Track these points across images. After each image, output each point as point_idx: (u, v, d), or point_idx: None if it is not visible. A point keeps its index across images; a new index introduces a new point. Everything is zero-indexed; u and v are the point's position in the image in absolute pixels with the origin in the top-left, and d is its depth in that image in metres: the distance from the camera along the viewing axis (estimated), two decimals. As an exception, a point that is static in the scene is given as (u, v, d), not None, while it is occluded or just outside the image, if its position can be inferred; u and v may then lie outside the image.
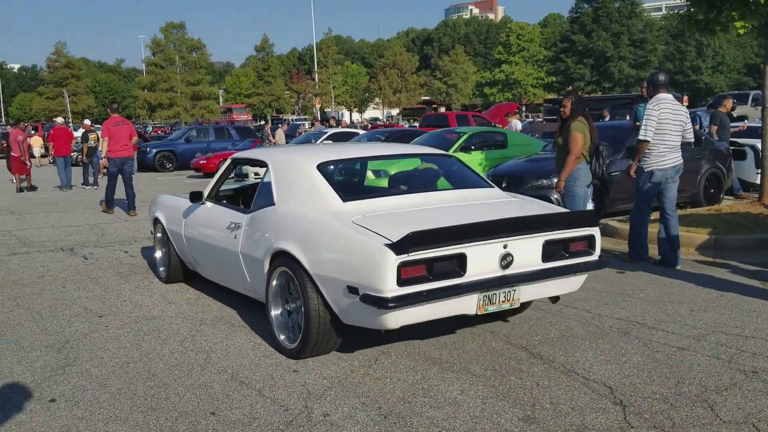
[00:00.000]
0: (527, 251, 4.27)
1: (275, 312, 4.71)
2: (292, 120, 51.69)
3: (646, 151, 6.71)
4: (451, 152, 12.32)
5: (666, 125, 6.64)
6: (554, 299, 4.88)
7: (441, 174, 5.72)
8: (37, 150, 24.96)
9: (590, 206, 7.56)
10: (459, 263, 3.99)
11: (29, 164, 17.31)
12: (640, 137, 6.70)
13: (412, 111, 67.84)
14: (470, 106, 64.98)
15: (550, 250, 4.38)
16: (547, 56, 68.51)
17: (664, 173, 6.75)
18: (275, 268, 4.59)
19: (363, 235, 4.00)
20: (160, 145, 24.72)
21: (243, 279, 5.11)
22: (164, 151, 23.69)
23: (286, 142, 20.26)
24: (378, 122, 53.28)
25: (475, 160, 12.32)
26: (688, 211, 9.68)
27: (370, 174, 6.47)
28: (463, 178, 5.46)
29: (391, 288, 3.76)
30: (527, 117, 36.57)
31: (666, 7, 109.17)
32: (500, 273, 4.17)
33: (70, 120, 46.78)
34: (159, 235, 6.78)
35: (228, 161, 5.96)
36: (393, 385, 4.01)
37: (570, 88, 59.98)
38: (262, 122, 59.62)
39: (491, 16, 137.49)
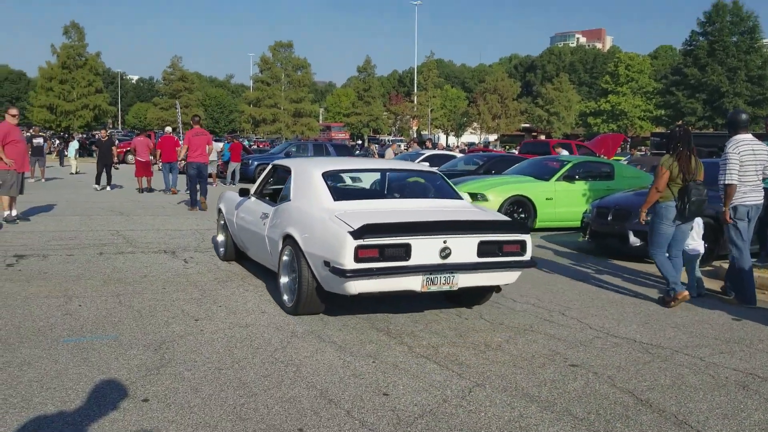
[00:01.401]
0: (463, 247, 5.53)
1: (283, 280, 6.14)
2: (389, 141, 52.16)
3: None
4: (552, 181, 11.94)
5: (747, 167, 6.71)
6: (496, 289, 6.08)
7: (423, 186, 7.22)
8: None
9: (701, 246, 7.14)
10: (405, 251, 5.34)
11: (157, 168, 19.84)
12: (726, 181, 6.70)
13: (510, 138, 67.03)
14: (572, 136, 63.43)
15: (485, 249, 5.62)
16: (657, 89, 65.98)
17: (748, 210, 6.79)
18: (284, 247, 6.09)
19: (336, 225, 5.44)
20: (261, 158, 25.49)
21: (268, 255, 6.66)
22: (265, 164, 24.36)
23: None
24: (475, 146, 52.90)
25: (579, 190, 11.87)
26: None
27: (369, 182, 8.02)
28: (439, 191, 6.84)
29: (349, 263, 5.16)
30: (637, 150, 35.13)
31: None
32: (440, 261, 5.46)
33: (180, 130, 49.15)
34: (222, 222, 8.39)
35: (270, 166, 7.69)
36: (488, 420, 3.78)
37: (680, 123, 57.52)
38: (359, 141, 60.55)
39: (599, 45, 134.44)
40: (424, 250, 5.39)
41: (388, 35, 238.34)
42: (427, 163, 17.00)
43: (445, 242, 5.44)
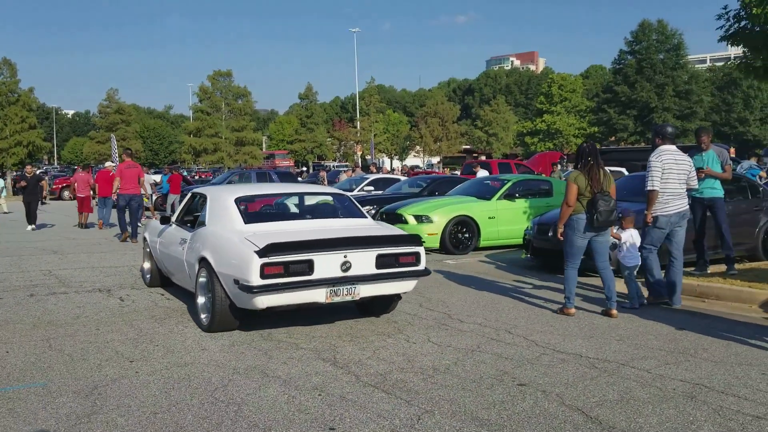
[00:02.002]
0: (362, 260, 6.04)
1: (200, 300, 6.52)
2: (333, 167, 52.11)
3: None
4: (494, 200, 12.04)
5: (670, 174, 7.05)
6: (396, 297, 6.74)
7: (332, 207, 7.85)
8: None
9: (637, 258, 7.36)
10: (308, 266, 5.83)
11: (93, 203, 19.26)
12: (648, 188, 7.07)
13: (452, 159, 67.82)
14: (511, 155, 64.69)
15: (382, 261, 6.15)
16: (590, 107, 68.09)
17: (668, 219, 7.11)
18: (200, 269, 6.48)
19: (244, 245, 5.87)
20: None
21: (187, 278, 7.01)
22: (206, 194, 23.89)
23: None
24: (418, 169, 53.31)
25: (520, 208, 12.01)
26: (747, 266, 9.16)
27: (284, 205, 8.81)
28: (346, 211, 7.37)
29: (255, 280, 5.63)
30: (568, 167, 36.02)
31: (711, 59, 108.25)
32: (341, 274, 5.96)
33: (116, 163, 47.97)
34: (147, 250, 8.72)
35: (189, 194, 8.09)
36: (437, 449, 3.67)
37: (611, 138, 59.36)
38: (303, 168, 60.31)
39: (532, 67, 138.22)
40: (326, 264, 5.91)
41: (329, 62, 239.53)
42: (372, 187, 16.99)
43: (345, 257, 5.98)
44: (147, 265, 8.75)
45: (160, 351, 5.66)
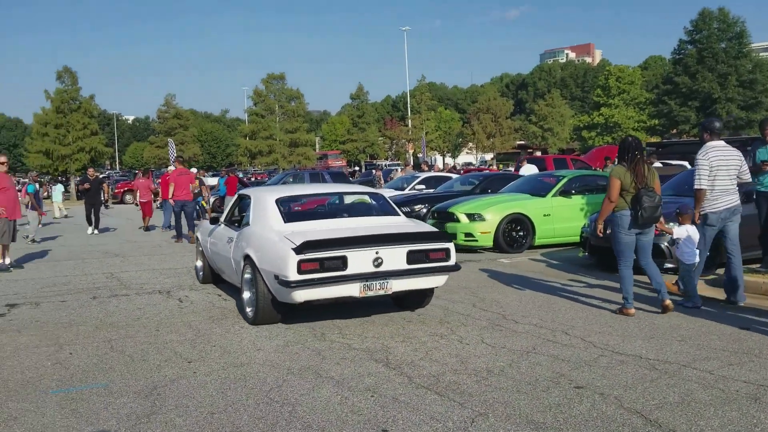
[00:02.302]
0: (394, 256, 6.34)
1: (246, 295, 6.92)
2: (385, 165, 52.21)
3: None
4: (549, 197, 11.83)
5: (718, 171, 6.90)
6: (429, 292, 7.04)
7: (366, 206, 8.24)
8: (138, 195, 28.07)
9: (695, 256, 7.15)
10: (342, 262, 6.15)
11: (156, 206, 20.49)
12: (696, 186, 6.97)
13: (506, 155, 67.13)
14: (567, 150, 63.52)
15: (413, 257, 6.43)
16: (649, 99, 66.20)
17: (718, 215, 6.96)
18: (245, 266, 6.89)
19: (283, 243, 6.24)
20: (258, 190, 25.40)
21: (234, 275, 7.43)
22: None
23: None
24: (471, 166, 52.90)
25: (576, 204, 11.77)
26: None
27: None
28: (381, 209, 7.72)
29: (293, 275, 6.00)
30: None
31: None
32: (374, 270, 6.26)
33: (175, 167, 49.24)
34: (200, 249, 9.32)
35: (236, 196, 8.59)
36: (491, 452, 3.62)
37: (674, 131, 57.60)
38: (356, 168, 60.62)
39: (588, 59, 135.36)
40: (359, 260, 6.22)
41: (380, 61, 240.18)
42: (423, 186, 16.94)
43: (377, 253, 6.29)
44: (200, 263, 9.40)
45: (217, 351, 5.77)
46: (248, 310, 6.84)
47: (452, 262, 6.70)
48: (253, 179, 44.83)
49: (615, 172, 6.70)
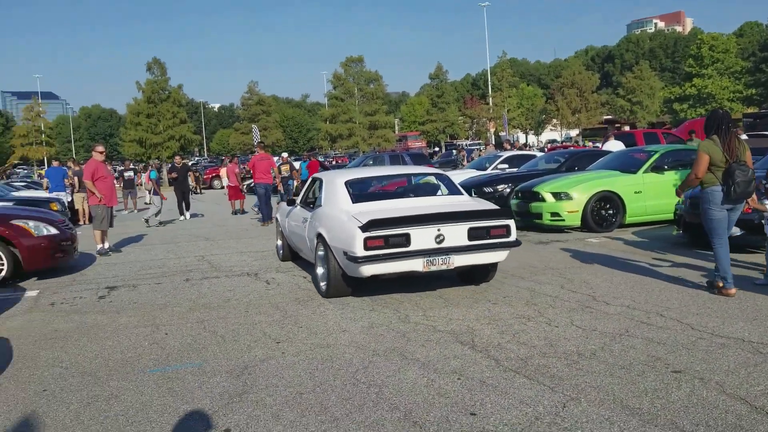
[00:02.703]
0: (455, 233, 6.63)
1: (319, 271, 7.40)
2: (465, 145, 51.62)
3: None
4: (640, 173, 11.35)
5: None
6: (492, 266, 7.31)
7: (431, 186, 8.59)
8: (225, 180, 29.03)
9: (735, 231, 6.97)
10: (406, 239, 6.50)
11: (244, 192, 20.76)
12: None
13: (592, 131, 64.97)
14: (658, 124, 60.87)
15: (474, 233, 6.69)
16: (746, 67, 62.38)
17: None
18: (318, 243, 7.36)
19: (351, 222, 6.64)
20: (339, 173, 25.66)
21: (309, 252, 7.90)
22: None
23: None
24: (555, 144, 51.55)
25: (669, 181, 11.21)
26: None
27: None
28: (444, 189, 8.12)
29: (360, 252, 6.39)
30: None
31: None
32: (436, 246, 6.58)
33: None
34: (279, 229, 9.95)
35: (310, 180, 9.19)
36: (585, 439, 3.49)
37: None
38: (436, 149, 60.26)
39: (679, 28, 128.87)
40: (422, 237, 6.56)
41: (458, 39, 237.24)
42: (507, 165, 16.61)
43: (439, 230, 6.60)
44: (279, 242, 10.10)
45: (304, 332, 5.85)
46: (322, 284, 7.31)
47: (513, 238, 6.91)
48: (334, 162, 45.37)
49: (703, 147, 6.39)
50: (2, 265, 8.73)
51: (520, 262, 8.76)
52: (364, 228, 6.40)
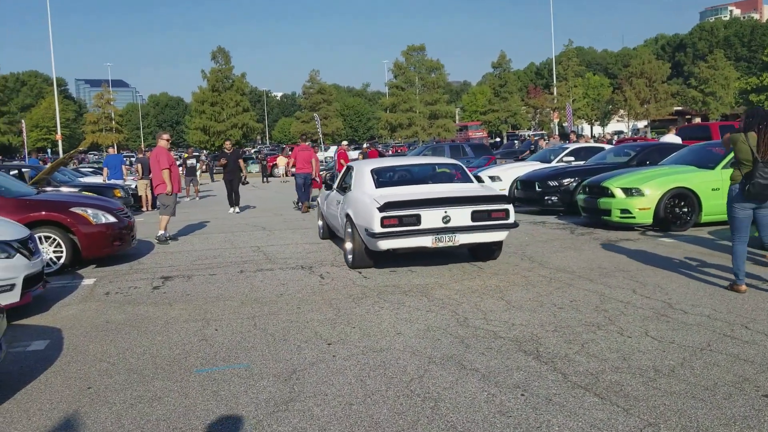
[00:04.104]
0: (460, 215, 7.74)
1: (348, 246, 8.57)
2: (528, 136, 50.48)
3: None
4: (718, 169, 10.62)
5: None
6: (495, 246, 8.41)
7: (447, 174, 9.64)
8: (282, 168, 29.90)
9: None
10: (417, 219, 7.66)
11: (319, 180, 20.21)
12: None
13: (661, 123, 62.55)
14: (732, 116, 58.14)
15: (477, 215, 7.78)
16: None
17: None
18: (347, 222, 8.57)
19: (372, 203, 7.78)
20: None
21: (341, 229, 9.14)
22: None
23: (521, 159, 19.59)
24: (623, 136, 49.86)
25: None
26: None
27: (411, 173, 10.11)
28: (458, 177, 9.26)
29: (377, 229, 7.58)
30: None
31: None
32: (443, 225, 7.70)
33: (321, 141, 50.61)
34: (320, 210, 11.46)
35: (345, 168, 10.22)
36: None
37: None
38: (497, 139, 59.22)
39: (755, 15, 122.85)
40: (431, 218, 7.71)
41: (522, 28, 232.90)
42: (572, 158, 15.94)
43: (446, 212, 7.73)
44: (320, 222, 11.42)
45: (357, 334, 5.57)
46: (349, 257, 8.49)
47: (511, 220, 7.99)
48: (393, 152, 45.09)
49: (734, 139, 6.47)
50: (61, 252, 8.78)
51: (588, 263, 8.26)
52: (381, 209, 7.60)
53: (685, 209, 10.53)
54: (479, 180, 16.30)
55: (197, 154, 41.19)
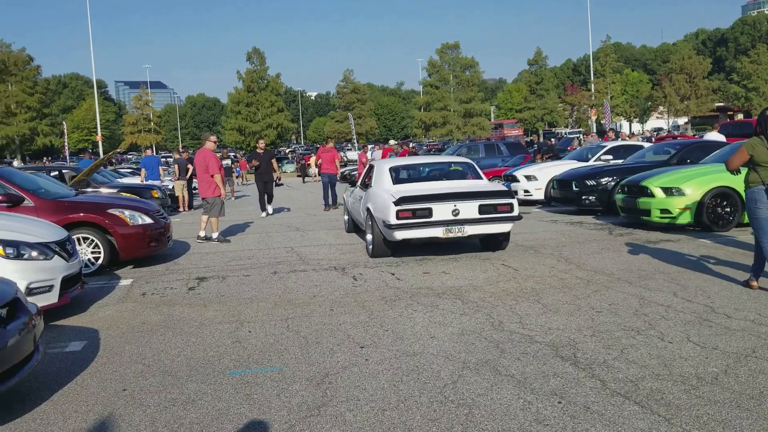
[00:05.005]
0: (468, 209, 8.63)
1: (368, 237, 9.47)
2: (565, 134, 49.81)
3: None
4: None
5: None
6: (502, 237, 9.19)
7: (459, 172, 10.45)
8: (313, 170, 30.48)
9: None
10: (428, 212, 8.57)
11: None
12: None
13: (702, 119, 61.19)
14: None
15: (484, 209, 8.66)
16: None
17: None
18: (367, 215, 9.46)
19: (388, 198, 8.71)
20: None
21: (363, 222, 9.95)
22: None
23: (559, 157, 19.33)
24: (662, 133, 48.83)
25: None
26: None
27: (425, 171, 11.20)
28: (469, 175, 10.15)
29: (393, 221, 8.51)
30: None
31: None
32: (452, 218, 8.60)
33: (355, 140, 50.75)
34: (345, 206, 12.46)
35: (367, 166, 11.18)
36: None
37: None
38: (533, 136, 58.58)
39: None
40: (442, 211, 8.62)
41: (559, 24, 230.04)
42: (611, 156, 15.64)
43: (455, 206, 8.62)
44: (345, 217, 12.41)
45: (390, 337, 5.52)
46: (369, 247, 9.39)
47: (515, 213, 8.85)
48: (427, 150, 44.89)
49: (749, 144, 6.47)
50: (99, 253, 8.92)
51: (627, 265, 8.07)
52: (397, 203, 8.53)
53: (728, 209, 10.23)
54: (514, 179, 16.19)
55: (232, 154, 41.63)
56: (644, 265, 8.01)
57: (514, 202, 8.84)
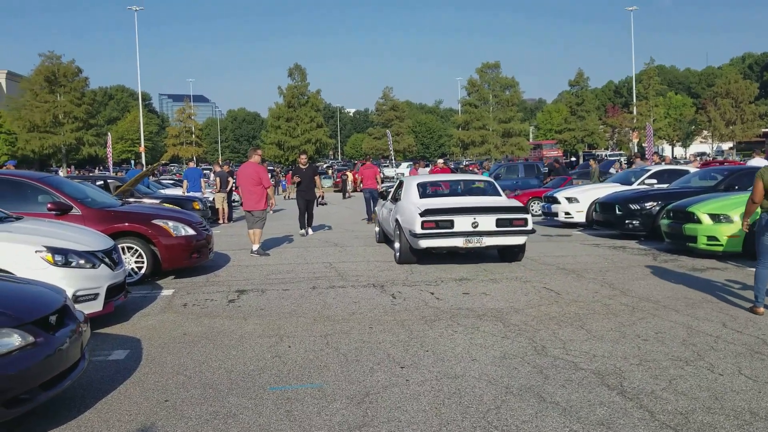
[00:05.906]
0: (486, 221, 9.73)
1: (396, 245, 10.55)
2: (606, 156, 49.15)
3: None
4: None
5: None
6: (518, 249, 10.24)
7: (480, 189, 11.75)
8: (350, 185, 31.38)
9: None
10: (450, 223, 9.71)
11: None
12: None
13: (747, 144, 59.76)
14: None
15: (501, 222, 9.77)
16: None
17: None
18: (396, 226, 10.55)
19: (415, 210, 9.88)
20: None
21: (393, 232, 10.93)
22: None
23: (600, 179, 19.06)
24: (707, 158, 47.83)
25: None
26: None
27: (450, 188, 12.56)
28: (489, 192, 11.28)
29: (418, 230, 9.64)
30: None
31: None
32: (472, 230, 9.70)
33: (392, 157, 50.91)
34: (378, 218, 13.41)
35: (398, 181, 12.47)
36: None
37: None
38: (573, 158, 57.93)
39: None
40: (462, 223, 9.70)
41: (601, 45, 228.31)
42: (655, 180, 15.35)
43: (474, 219, 9.69)
44: (377, 228, 13.55)
45: (430, 358, 5.45)
46: (397, 254, 10.47)
47: (530, 227, 9.90)
48: (467, 168, 44.71)
49: (759, 174, 6.69)
50: (142, 262, 9.05)
51: (673, 292, 7.88)
52: (422, 214, 9.65)
53: (779, 238, 9.91)
54: (555, 201, 16.01)
55: (271, 168, 42.07)
56: (691, 294, 7.80)
57: (529, 217, 9.97)
